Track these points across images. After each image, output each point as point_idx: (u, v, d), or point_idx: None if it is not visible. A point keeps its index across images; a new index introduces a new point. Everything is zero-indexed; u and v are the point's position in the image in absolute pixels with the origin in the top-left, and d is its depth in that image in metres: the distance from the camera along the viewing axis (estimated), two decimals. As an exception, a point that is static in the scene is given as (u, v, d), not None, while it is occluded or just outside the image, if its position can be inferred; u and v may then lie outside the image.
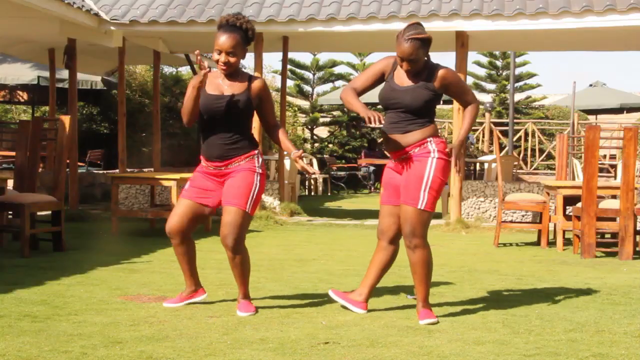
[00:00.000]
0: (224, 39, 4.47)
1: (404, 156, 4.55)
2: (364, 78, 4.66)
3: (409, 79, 4.52)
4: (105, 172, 13.59)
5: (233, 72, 4.58)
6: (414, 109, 4.49)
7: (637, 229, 7.45)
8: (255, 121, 4.97)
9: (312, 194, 16.87)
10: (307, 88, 21.05)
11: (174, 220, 4.67)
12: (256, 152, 4.65)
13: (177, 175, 8.68)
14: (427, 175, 4.45)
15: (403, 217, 4.48)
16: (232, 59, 4.50)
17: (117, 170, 12.02)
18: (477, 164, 17.13)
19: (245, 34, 4.53)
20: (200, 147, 4.76)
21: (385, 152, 4.85)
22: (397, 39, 4.45)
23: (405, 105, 4.50)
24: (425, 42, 4.42)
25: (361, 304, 4.65)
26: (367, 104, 4.70)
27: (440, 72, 4.52)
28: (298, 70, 20.81)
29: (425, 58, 4.52)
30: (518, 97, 22.52)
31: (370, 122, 4.28)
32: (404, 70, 4.51)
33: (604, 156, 18.21)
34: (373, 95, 5.93)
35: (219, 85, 4.60)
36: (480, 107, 23.11)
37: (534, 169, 19.77)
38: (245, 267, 4.60)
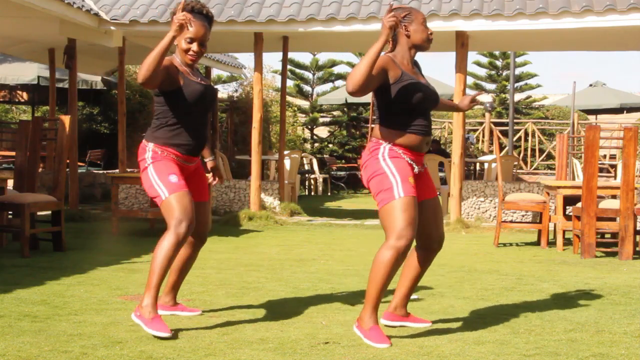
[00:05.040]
0: (199, 28, 4.14)
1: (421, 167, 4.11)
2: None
3: (415, 73, 4.06)
4: (105, 172, 13.59)
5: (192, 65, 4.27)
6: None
7: (637, 229, 7.45)
8: (256, 121, 4.89)
9: (312, 194, 16.86)
10: (307, 88, 21.06)
11: (189, 216, 3.98)
12: None
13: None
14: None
15: (438, 214, 4.08)
16: (203, 50, 4.21)
17: (117, 170, 12.02)
18: (477, 164, 17.12)
19: (210, 25, 4.23)
20: (173, 140, 4.15)
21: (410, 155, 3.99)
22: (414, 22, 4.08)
23: (436, 103, 4.11)
24: None
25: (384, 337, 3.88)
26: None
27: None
28: (298, 70, 20.83)
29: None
30: (518, 97, 22.52)
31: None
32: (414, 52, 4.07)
33: (604, 156, 18.21)
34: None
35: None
36: (480, 107, 23.12)
37: (534, 169, 19.76)
38: None
